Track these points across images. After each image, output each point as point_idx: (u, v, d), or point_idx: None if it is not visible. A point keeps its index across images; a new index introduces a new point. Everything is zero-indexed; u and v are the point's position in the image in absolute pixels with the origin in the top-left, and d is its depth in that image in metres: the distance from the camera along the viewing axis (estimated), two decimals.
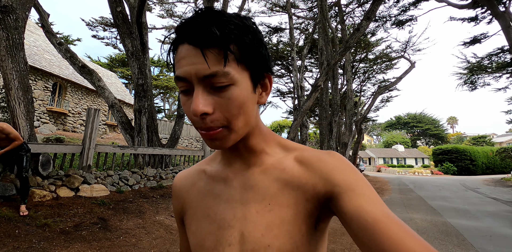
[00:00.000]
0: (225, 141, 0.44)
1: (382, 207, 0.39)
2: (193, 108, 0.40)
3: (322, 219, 0.46)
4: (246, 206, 0.48)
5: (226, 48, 0.39)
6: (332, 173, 0.44)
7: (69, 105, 14.93)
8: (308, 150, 0.50)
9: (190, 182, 0.58)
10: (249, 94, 0.44)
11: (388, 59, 20.46)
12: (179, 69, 0.41)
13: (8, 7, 3.54)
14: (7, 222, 3.48)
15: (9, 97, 3.81)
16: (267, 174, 0.49)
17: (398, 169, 35.45)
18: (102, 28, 13.76)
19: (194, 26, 0.40)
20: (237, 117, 0.43)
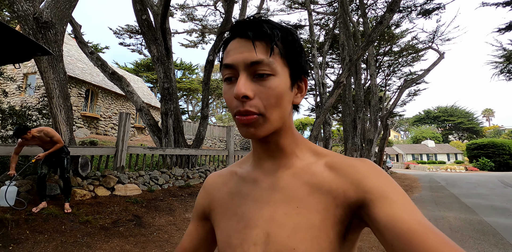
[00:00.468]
0: (259, 129, 0.45)
1: (418, 216, 0.38)
2: (236, 90, 0.43)
3: (353, 228, 0.45)
4: (274, 207, 0.48)
5: (273, 40, 0.44)
6: (364, 179, 0.43)
7: (100, 110, 15.83)
8: (340, 156, 0.50)
9: (221, 181, 0.60)
10: (286, 89, 0.47)
11: (415, 51, 19.56)
12: (227, 58, 0.46)
13: (48, 23, 3.89)
14: (55, 218, 3.82)
15: (52, 105, 4.19)
16: (297, 177, 0.49)
17: (429, 165, 33.85)
18: (128, 36, 14.44)
19: (246, 24, 0.45)
20: (274, 107, 0.45)
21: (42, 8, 4.05)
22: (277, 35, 0.45)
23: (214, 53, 7.90)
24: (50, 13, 3.99)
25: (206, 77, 8.13)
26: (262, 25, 0.45)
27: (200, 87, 30.95)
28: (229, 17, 8.00)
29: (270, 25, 0.45)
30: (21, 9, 3.84)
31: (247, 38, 0.45)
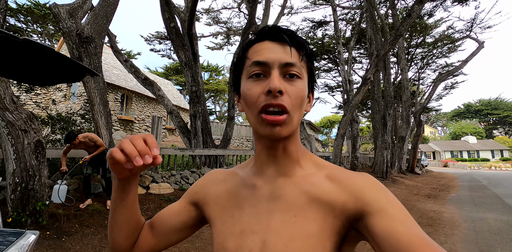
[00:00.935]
0: (284, 128, 0.46)
1: (417, 230, 0.38)
2: (272, 85, 0.44)
3: (349, 240, 0.45)
4: (272, 214, 0.48)
5: (304, 48, 0.49)
6: (363, 192, 0.44)
7: (134, 113, 16.82)
8: (340, 168, 0.51)
9: (222, 178, 0.61)
10: (306, 95, 0.50)
11: (451, 41, 18.34)
12: (260, 56, 0.48)
13: (89, 37, 4.33)
14: (99, 214, 4.23)
15: (93, 111, 4.64)
16: (297, 186, 0.49)
17: (470, 163, 31.55)
18: (158, 42, 15.19)
19: (282, 30, 0.49)
20: (297, 108, 0.47)
21: (83, 24, 4.51)
22: (307, 46, 0.49)
23: None
24: (90, 29, 4.43)
25: (231, 79, 8.36)
26: (296, 34, 0.49)
27: (227, 88, 31.57)
28: (253, 19, 8.14)
29: (300, 36, 0.50)
30: (66, 26, 4.30)
31: (280, 42, 0.48)
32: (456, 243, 4.11)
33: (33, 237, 1.08)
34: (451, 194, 9.03)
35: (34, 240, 1.08)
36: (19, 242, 1.00)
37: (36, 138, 3.30)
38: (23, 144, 3.19)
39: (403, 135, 14.41)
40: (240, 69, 0.53)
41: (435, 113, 47.54)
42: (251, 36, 0.53)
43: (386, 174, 11.33)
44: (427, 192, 9.39)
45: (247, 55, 0.51)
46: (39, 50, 1.03)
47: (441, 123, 65.34)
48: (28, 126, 3.21)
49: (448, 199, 8.06)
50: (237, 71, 0.54)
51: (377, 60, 8.06)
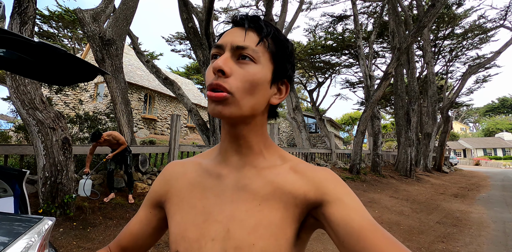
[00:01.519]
0: (226, 108, 0.45)
1: (369, 218, 0.42)
2: (214, 64, 0.44)
3: (306, 227, 0.48)
4: (236, 203, 0.48)
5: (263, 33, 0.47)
6: (323, 183, 0.47)
7: (157, 112, 17.40)
8: (304, 162, 0.53)
9: (182, 171, 0.58)
10: (265, 82, 0.48)
11: (482, 32, 17.21)
12: (219, 41, 0.49)
13: (111, 40, 4.57)
14: (121, 207, 4.46)
15: (116, 110, 4.88)
16: (261, 176, 0.50)
17: (505, 161, 29.52)
18: (179, 42, 15.56)
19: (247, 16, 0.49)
20: (246, 92, 0.46)
21: (105, 28, 4.76)
22: (270, 30, 0.48)
23: None
24: (112, 32, 4.66)
25: None
26: (260, 20, 0.48)
27: None
28: (269, 16, 8.13)
29: (268, 23, 0.49)
30: (90, 30, 4.55)
31: (242, 27, 0.48)
32: (482, 245, 3.91)
33: (49, 222, 1.18)
34: (481, 193, 8.55)
35: (51, 225, 1.19)
36: (37, 227, 1.10)
37: (63, 135, 3.54)
38: (52, 141, 3.43)
39: (429, 132, 13.77)
40: None
41: (466, 109, 44.89)
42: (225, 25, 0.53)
43: (409, 172, 10.91)
44: (454, 191, 8.95)
45: None
46: (53, 52, 1.12)
47: (472, 119, 61.58)
48: (56, 124, 3.45)
49: (477, 198, 7.65)
50: None
51: (399, 53, 7.76)
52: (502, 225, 4.93)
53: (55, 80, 1.52)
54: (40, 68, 1.43)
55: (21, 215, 1.16)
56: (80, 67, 1.30)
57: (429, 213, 5.76)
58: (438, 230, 4.56)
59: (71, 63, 1.25)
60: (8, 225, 1.08)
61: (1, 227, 1.05)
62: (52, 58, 1.21)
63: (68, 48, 22.40)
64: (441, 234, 4.39)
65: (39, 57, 1.23)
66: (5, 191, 1.89)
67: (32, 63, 1.38)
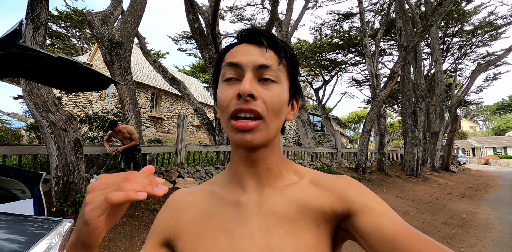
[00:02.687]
0: (257, 135, 0.43)
1: (400, 221, 0.40)
2: (242, 88, 0.41)
3: (337, 241, 0.45)
4: (267, 231, 0.44)
5: (282, 51, 0.46)
6: (347, 192, 0.45)
7: (163, 111, 17.60)
8: (321, 173, 0.50)
9: (192, 200, 0.52)
10: (285, 101, 0.47)
11: (493, 28, 16.88)
12: (234, 58, 0.45)
13: (119, 42, 4.69)
14: (130, 206, 4.58)
15: (124, 111, 5.01)
16: (284, 195, 0.47)
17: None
18: (185, 41, 15.67)
19: (260, 32, 0.47)
20: (274, 114, 0.44)
21: (114, 30, 4.87)
22: (287, 49, 0.47)
23: None
24: (120, 34, 4.77)
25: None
26: (275, 37, 0.47)
27: None
28: (275, 15, 8.14)
29: (280, 40, 0.48)
30: (99, 32, 4.67)
31: (258, 44, 0.46)
32: (487, 246, 3.91)
33: (68, 224, 1.27)
34: (488, 194, 8.47)
35: (70, 227, 1.27)
36: (57, 228, 1.19)
37: (74, 136, 3.66)
38: (64, 142, 3.55)
39: (436, 131, 13.64)
40: (218, 74, 0.50)
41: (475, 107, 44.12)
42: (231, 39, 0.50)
43: (416, 171, 10.85)
44: (461, 191, 8.87)
45: (224, 58, 0.48)
46: (71, 65, 1.20)
47: (482, 117, 60.50)
48: (68, 125, 3.57)
49: (484, 199, 7.58)
50: (216, 76, 0.51)
51: (406, 52, 7.70)
52: (508, 227, 4.90)
53: (71, 88, 1.61)
54: (57, 77, 1.51)
55: (42, 217, 1.25)
56: (94, 78, 1.38)
57: (435, 214, 5.75)
58: (443, 231, 4.57)
59: (86, 74, 1.34)
60: (30, 226, 1.17)
61: (24, 228, 1.14)
62: (70, 70, 1.30)
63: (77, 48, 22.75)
64: (446, 235, 4.40)
65: (58, 69, 1.32)
66: (23, 192, 1.99)
67: (50, 73, 1.47)
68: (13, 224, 1.16)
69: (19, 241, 1.06)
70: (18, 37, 1.08)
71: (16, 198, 1.96)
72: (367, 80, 21.51)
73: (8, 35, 1.07)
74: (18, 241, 1.06)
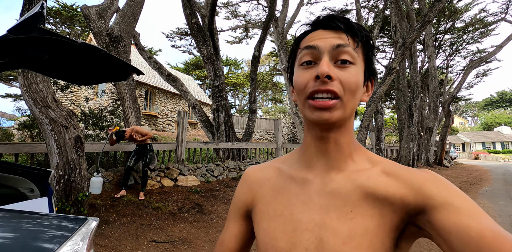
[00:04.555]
0: (334, 113, 0.44)
1: (489, 223, 0.35)
2: (320, 69, 0.43)
3: (406, 236, 0.43)
4: (326, 210, 0.45)
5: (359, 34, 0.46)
6: (425, 185, 0.41)
7: (158, 108, 17.34)
8: (397, 164, 0.48)
9: (264, 176, 0.56)
10: (361, 82, 0.47)
11: (483, 25, 17.17)
12: (311, 42, 0.47)
13: (118, 37, 4.53)
14: (133, 204, 4.48)
15: (124, 108, 4.87)
16: (350, 180, 0.47)
17: (504, 155, 29.79)
18: (179, 38, 15.43)
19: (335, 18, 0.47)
20: (351, 94, 0.45)
21: (112, 24, 4.71)
22: (364, 32, 0.47)
23: (260, 49, 8.06)
24: (119, 29, 4.62)
25: (252, 73, 8.38)
26: (350, 21, 0.47)
27: (246, 82, 31.59)
28: (273, 11, 8.05)
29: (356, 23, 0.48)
30: (96, 26, 4.51)
31: (333, 29, 0.47)
32: None
33: (94, 223, 1.20)
34: (483, 187, 8.65)
35: (95, 225, 1.20)
36: (84, 227, 1.12)
37: (75, 133, 3.53)
38: (65, 139, 3.43)
39: (430, 126, 13.84)
40: (293, 60, 0.52)
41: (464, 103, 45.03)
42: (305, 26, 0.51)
43: (412, 166, 10.99)
44: (457, 185, 9.02)
45: (300, 45, 0.50)
46: (95, 53, 1.12)
47: (471, 113, 61.85)
48: (68, 122, 3.44)
49: (480, 192, 7.73)
50: (291, 63, 0.53)
51: (403, 48, 7.74)
52: (508, 219, 5.00)
53: (85, 80, 1.51)
54: (72, 67, 1.42)
55: (67, 216, 1.17)
56: (116, 67, 1.30)
57: None
58: None
59: (108, 63, 1.25)
60: (58, 225, 1.09)
61: (52, 227, 1.06)
62: (90, 59, 1.21)
63: None
64: None
65: (77, 57, 1.23)
66: (31, 190, 1.90)
67: (65, 63, 1.37)
68: (38, 223, 1.08)
69: (46, 241, 0.99)
70: (40, 20, 1.00)
71: (25, 196, 1.86)
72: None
73: (31, 17, 0.98)
74: (45, 241, 0.99)
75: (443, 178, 0.43)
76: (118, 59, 1.23)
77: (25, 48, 1.08)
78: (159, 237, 3.55)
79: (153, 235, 3.58)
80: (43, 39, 1.03)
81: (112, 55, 1.19)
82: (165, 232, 3.76)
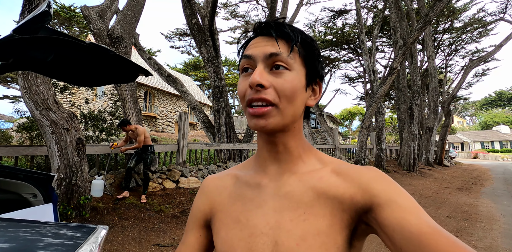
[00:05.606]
0: (270, 121, 0.45)
1: (428, 219, 0.37)
2: (252, 79, 0.44)
3: (358, 234, 0.44)
4: (280, 213, 0.46)
5: (293, 40, 0.46)
6: (371, 184, 0.43)
7: (157, 110, 17.27)
8: (345, 163, 0.50)
9: (222, 185, 0.57)
10: (301, 87, 0.47)
11: (482, 25, 17.19)
12: (247, 51, 0.48)
13: (119, 37, 4.47)
14: (135, 207, 4.42)
15: (125, 109, 4.82)
16: (303, 182, 0.48)
17: (503, 154, 29.88)
18: (178, 38, 15.37)
19: (269, 24, 0.48)
20: (287, 101, 0.45)
21: (113, 25, 4.65)
22: (297, 36, 0.47)
23: None
24: (120, 29, 4.56)
25: None
26: (284, 26, 0.47)
27: None
28: (274, 11, 8.01)
29: (292, 27, 0.48)
30: (96, 27, 4.45)
31: (269, 36, 0.47)
32: (496, 239, 3.94)
33: (104, 231, 1.15)
34: (485, 187, 8.63)
35: (105, 234, 1.15)
36: (94, 236, 1.07)
37: (77, 135, 3.47)
38: (66, 142, 3.37)
39: (430, 126, 13.84)
40: None
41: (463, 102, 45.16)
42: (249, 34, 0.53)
43: (413, 166, 10.98)
44: (458, 185, 9.02)
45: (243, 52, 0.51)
46: (103, 53, 1.07)
47: (469, 112, 62.08)
48: (69, 124, 3.38)
49: (482, 192, 7.72)
50: None
51: (405, 48, 7.72)
52: (510, 219, 4.97)
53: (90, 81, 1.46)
54: (77, 69, 1.37)
55: (77, 224, 1.12)
56: (124, 68, 1.25)
57: (438, 207, 5.80)
58: (450, 225, 4.59)
59: (116, 64, 1.20)
60: (67, 234, 1.04)
61: (61, 237, 1.01)
62: (98, 60, 1.16)
63: None
64: (454, 228, 4.42)
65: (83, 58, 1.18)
66: (34, 196, 1.84)
67: (69, 64, 1.32)
68: (45, 233, 1.03)
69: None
70: (47, 19, 0.95)
71: (28, 202, 1.81)
72: (360, 77, 21.67)
73: (37, 16, 0.93)
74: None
75: (387, 176, 0.45)
76: (127, 60, 1.18)
77: (30, 48, 1.03)
78: (163, 240, 3.50)
79: (157, 239, 3.53)
80: (49, 39, 0.98)
81: (121, 56, 1.14)
82: (168, 235, 3.70)
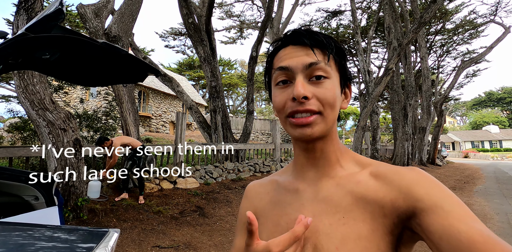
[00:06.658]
0: (316, 129, 0.46)
1: (480, 226, 0.35)
2: (296, 92, 0.44)
3: (404, 241, 0.42)
4: (319, 217, 0.46)
5: (329, 48, 0.47)
6: (413, 187, 0.41)
7: (151, 110, 17.10)
8: (385, 164, 0.49)
9: (264, 191, 0.59)
10: (339, 93, 0.49)
11: (473, 27, 17.50)
12: (283, 62, 0.48)
13: (117, 37, 4.41)
14: (133, 208, 4.37)
15: (122, 109, 4.75)
16: (341, 186, 0.48)
17: (492, 153, 30.51)
18: (172, 38, 15.25)
19: (302, 33, 0.48)
20: (330, 107, 0.46)
21: (110, 24, 4.58)
22: (332, 44, 0.48)
23: (257, 49, 8.01)
24: (117, 28, 4.49)
25: (250, 73, 8.32)
26: (317, 34, 0.48)
27: (240, 82, 31.49)
28: (271, 11, 8.01)
29: (323, 35, 0.49)
30: (92, 26, 4.38)
31: (303, 45, 0.47)
32: None
33: (116, 235, 1.12)
34: (477, 185, 8.79)
35: (117, 237, 1.13)
36: (106, 239, 1.04)
37: (74, 136, 3.41)
38: (63, 142, 3.30)
39: (423, 126, 14.04)
40: (269, 76, 0.54)
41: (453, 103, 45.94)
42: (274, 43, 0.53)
43: (407, 165, 11.10)
44: (451, 184, 9.16)
45: (273, 62, 0.51)
46: (115, 53, 1.04)
47: (460, 112, 63.21)
48: (66, 124, 3.32)
49: (475, 191, 7.85)
50: (268, 79, 0.55)
51: (400, 49, 7.81)
52: (505, 217, 5.07)
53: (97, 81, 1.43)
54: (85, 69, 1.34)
55: (89, 228, 1.09)
56: (134, 68, 1.22)
57: None
58: None
59: (127, 64, 1.18)
60: (79, 239, 1.01)
61: (74, 241, 0.98)
62: (109, 59, 1.13)
63: None
64: None
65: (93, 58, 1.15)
66: (36, 198, 1.80)
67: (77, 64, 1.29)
68: (57, 238, 1.00)
69: None
70: (60, 18, 0.92)
71: (29, 205, 1.76)
72: (354, 77, 21.84)
73: (51, 14, 0.90)
74: None
75: (432, 178, 0.42)
76: (138, 59, 1.16)
77: (40, 47, 1.00)
78: (163, 242, 3.46)
79: (156, 240, 3.49)
80: (61, 38, 0.95)
81: (132, 56, 1.12)
82: (168, 236, 3.66)
